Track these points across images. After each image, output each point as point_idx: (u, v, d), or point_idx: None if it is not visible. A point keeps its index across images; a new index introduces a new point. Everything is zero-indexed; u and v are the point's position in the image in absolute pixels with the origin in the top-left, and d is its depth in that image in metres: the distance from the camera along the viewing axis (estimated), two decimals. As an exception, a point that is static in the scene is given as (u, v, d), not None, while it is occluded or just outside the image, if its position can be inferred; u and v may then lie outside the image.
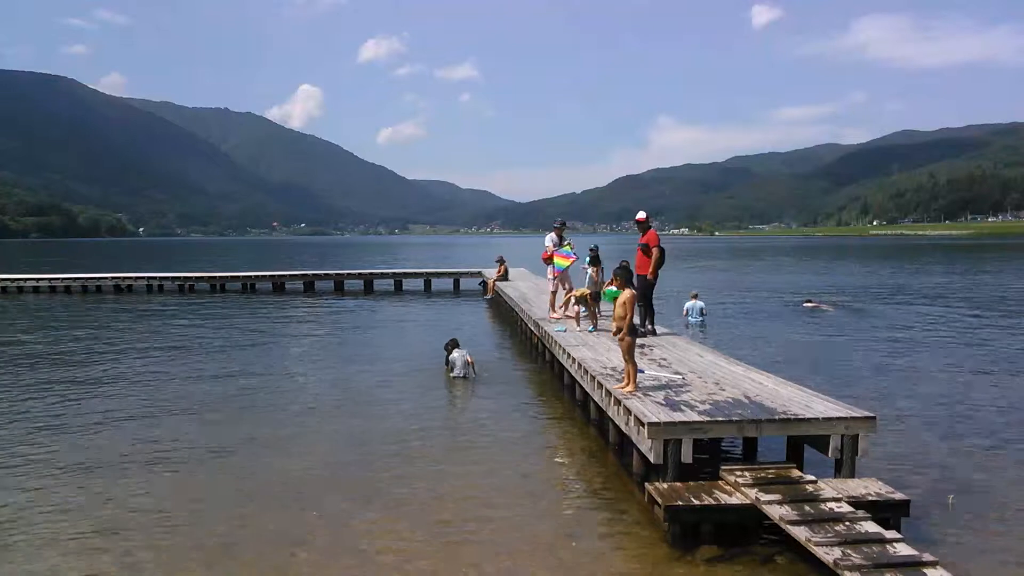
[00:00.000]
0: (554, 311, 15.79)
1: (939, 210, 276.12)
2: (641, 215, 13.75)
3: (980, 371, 14.68)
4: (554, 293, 15.90)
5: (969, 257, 70.33)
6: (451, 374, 13.84)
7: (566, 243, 15.76)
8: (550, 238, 15.86)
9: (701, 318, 21.54)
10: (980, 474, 8.56)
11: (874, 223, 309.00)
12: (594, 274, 15.16)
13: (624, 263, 9.58)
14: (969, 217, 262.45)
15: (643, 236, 13.26)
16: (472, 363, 13.96)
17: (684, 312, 21.75)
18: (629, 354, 8.58)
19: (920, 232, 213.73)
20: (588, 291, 14.49)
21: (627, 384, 8.58)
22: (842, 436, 7.25)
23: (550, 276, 15.87)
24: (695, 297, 22.20)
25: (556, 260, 15.55)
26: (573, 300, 14.82)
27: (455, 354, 14.05)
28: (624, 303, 8.74)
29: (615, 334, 8.85)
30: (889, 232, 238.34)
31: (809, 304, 26.72)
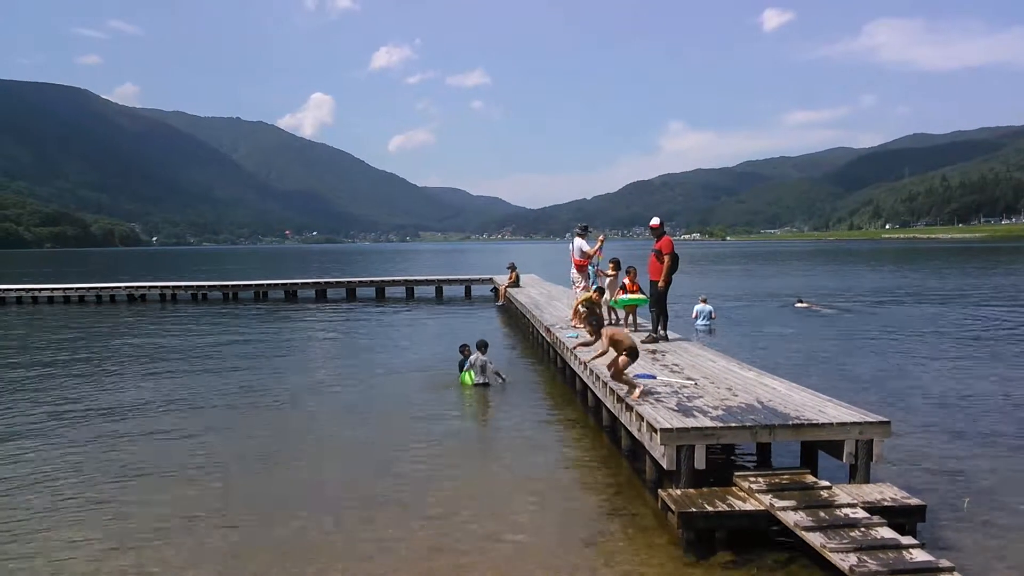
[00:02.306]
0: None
1: (952, 213, 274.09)
2: (655, 221, 13.71)
3: (991, 373, 14.58)
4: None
5: (982, 260, 69.77)
6: (474, 381, 13.72)
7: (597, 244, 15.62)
8: (581, 243, 15.64)
9: (709, 322, 21.54)
10: (995, 477, 8.50)
11: (886, 227, 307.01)
12: (612, 277, 15.18)
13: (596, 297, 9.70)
14: (982, 220, 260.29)
15: (657, 242, 13.24)
16: (496, 371, 13.88)
17: (694, 315, 21.75)
18: (622, 372, 8.86)
19: (932, 236, 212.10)
20: (593, 293, 14.46)
21: (632, 391, 8.62)
22: (856, 441, 7.22)
23: (594, 276, 15.53)
24: (704, 301, 22.20)
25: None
26: (581, 308, 14.61)
27: (476, 357, 13.80)
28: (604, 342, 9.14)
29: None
30: (901, 236, 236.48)
31: (801, 305, 26.66)
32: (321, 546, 6.88)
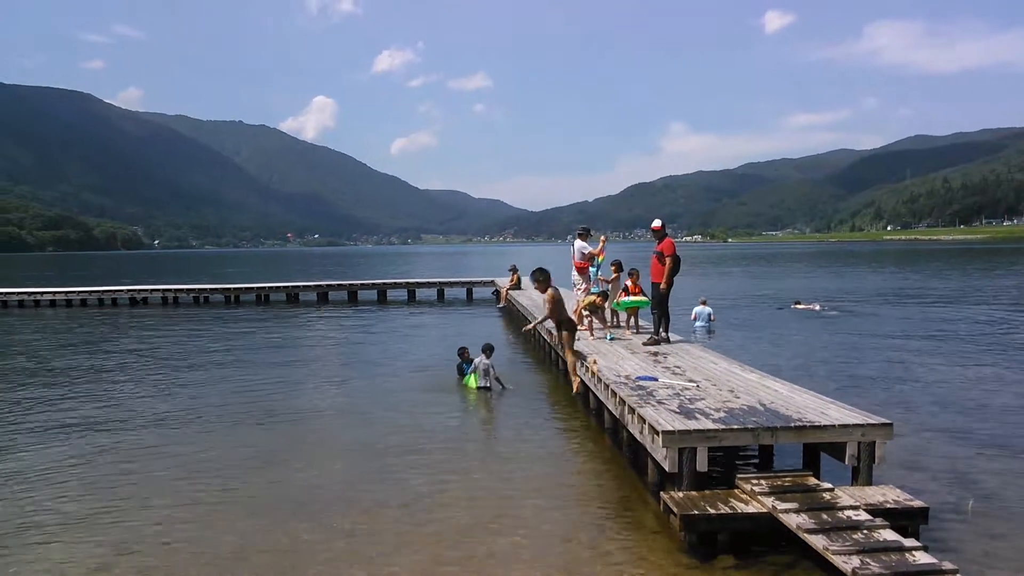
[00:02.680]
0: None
1: (953, 215, 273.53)
2: (657, 223, 13.67)
3: (994, 374, 14.55)
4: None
5: (984, 261, 69.62)
6: (476, 384, 13.64)
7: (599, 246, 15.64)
8: (582, 245, 15.63)
9: (708, 323, 21.55)
10: (999, 479, 8.47)
11: (888, 228, 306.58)
12: (614, 279, 15.19)
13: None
14: (984, 221, 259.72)
15: (659, 244, 13.21)
16: (497, 376, 13.83)
17: (692, 317, 21.76)
18: (569, 345, 10.78)
19: (934, 237, 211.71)
20: (596, 296, 14.45)
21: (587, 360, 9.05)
22: (859, 443, 7.20)
23: (593, 282, 15.47)
24: (704, 303, 22.21)
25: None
26: (585, 312, 14.56)
27: (480, 360, 13.69)
28: (547, 302, 11.09)
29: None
30: (903, 237, 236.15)
31: (799, 306, 26.62)
32: (322, 547, 6.87)
